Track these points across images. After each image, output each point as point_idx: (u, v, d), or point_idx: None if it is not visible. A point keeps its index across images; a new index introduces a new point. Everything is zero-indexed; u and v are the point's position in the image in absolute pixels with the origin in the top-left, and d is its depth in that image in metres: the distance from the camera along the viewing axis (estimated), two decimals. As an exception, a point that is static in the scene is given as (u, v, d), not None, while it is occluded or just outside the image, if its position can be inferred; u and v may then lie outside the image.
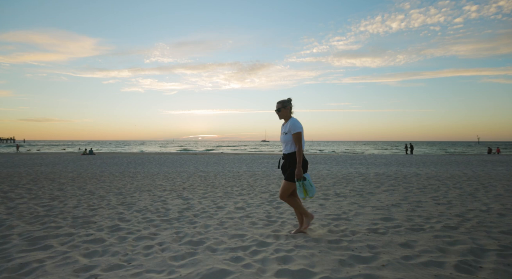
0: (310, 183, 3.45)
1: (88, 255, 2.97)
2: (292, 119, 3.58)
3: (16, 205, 5.46)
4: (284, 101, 3.63)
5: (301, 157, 3.40)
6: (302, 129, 3.51)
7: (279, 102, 3.64)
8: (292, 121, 3.53)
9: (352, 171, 12.51)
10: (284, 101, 3.63)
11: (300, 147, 3.43)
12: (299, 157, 3.39)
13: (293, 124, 3.50)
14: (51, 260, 2.82)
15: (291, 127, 3.49)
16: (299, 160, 3.39)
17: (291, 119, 3.59)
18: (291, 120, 3.56)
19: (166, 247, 3.17)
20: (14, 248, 3.17)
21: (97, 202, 5.82)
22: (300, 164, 3.39)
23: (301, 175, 3.38)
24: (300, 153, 3.40)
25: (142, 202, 5.75)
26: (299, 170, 3.37)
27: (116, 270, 2.60)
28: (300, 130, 3.47)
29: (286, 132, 3.53)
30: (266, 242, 3.29)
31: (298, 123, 3.53)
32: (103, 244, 3.30)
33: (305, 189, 3.43)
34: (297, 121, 3.55)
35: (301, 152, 3.42)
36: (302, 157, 3.41)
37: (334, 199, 5.95)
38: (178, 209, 5.10)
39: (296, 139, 3.44)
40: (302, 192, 3.45)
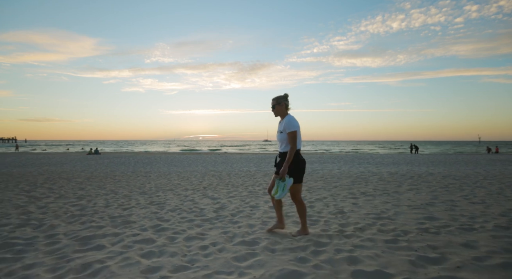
0: (285, 188, 3.32)
1: (146, 256, 2.90)
2: (288, 116, 3.43)
3: (46, 205, 5.38)
4: (278, 98, 3.49)
5: (292, 156, 3.29)
6: (297, 127, 3.37)
7: (273, 98, 3.50)
8: (287, 119, 3.39)
9: (363, 170, 12.47)
10: (278, 98, 3.49)
11: (294, 146, 3.30)
12: (289, 155, 3.28)
13: (288, 122, 3.36)
14: (112, 261, 2.75)
15: (286, 126, 3.35)
16: (288, 158, 3.27)
17: (287, 116, 3.44)
18: (287, 118, 3.42)
19: (222, 248, 3.10)
20: (67, 248, 3.10)
21: (125, 201, 5.74)
22: (288, 164, 3.28)
23: (284, 175, 3.29)
24: (292, 152, 3.28)
25: (171, 202, 5.68)
26: (285, 170, 3.27)
27: (184, 271, 2.53)
28: (295, 129, 3.33)
29: (282, 130, 3.40)
30: (322, 242, 3.23)
31: (294, 121, 3.39)
32: (155, 244, 3.23)
33: (277, 189, 3.35)
34: (293, 119, 3.40)
35: (293, 151, 3.29)
36: (292, 156, 3.29)
37: (364, 198, 5.90)
38: (212, 209, 5.04)
39: (290, 138, 3.31)
40: (275, 190, 3.38)
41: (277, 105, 3.47)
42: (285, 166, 3.26)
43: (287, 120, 3.38)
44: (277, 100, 3.48)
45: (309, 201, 5.63)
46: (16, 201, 5.69)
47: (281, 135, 3.41)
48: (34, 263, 2.70)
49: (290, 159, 3.27)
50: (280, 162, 3.44)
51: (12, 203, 5.54)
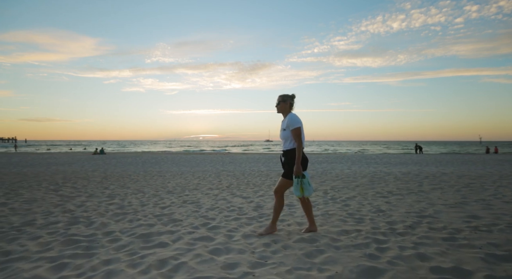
0: (309, 182, 3.31)
1: (215, 253, 2.93)
2: (291, 114, 3.43)
3: (82, 203, 5.39)
4: (285, 96, 3.51)
5: (301, 153, 3.26)
6: (301, 124, 3.35)
7: (280, 95, 3.53)
8: (290, 116, 3.39)
9: (374, 170, 12.53)
10: (285, 96, 3.51)
11: (300, 143, 3.28)
12: (298, 153, 3.25)
13: (291, 119, 3.36)
14: (185, 257, 2.78)
15: (289, 123, 3.35)
16: (298, 156, 3.25)
17: (289, 114, 3.44)
18: (290, 115, 3.42)
19: (285, 245, 3.14)
20: (132, 245, 3.12)
21: (158, 200, 5.77)
22: (299, 161, 3.25)
23: (300, 172, 3.25)
24: (299, 149, 3.26)
25: (204, 201, 5.71)
26: (298, 167, 3.24)
27: (262, 268, 2.57)
28: (299, 125, 3.32)
29: (285, 128, 3.39)
30: (380, 239, 3.28)
31: (297, 118, 3.38)
32: (216, 242, 3.26)
33: (302, 187, 3.30)
34: (296, 116, 3.40)
35: (301, 148, 3.28)
36: (301, 153, 3.27)
37: (394, 197, 5.95)
38: (250, 207, 5.08)
39: (295, 135, 3.29)
40: (299, 190, 3.30)
41: (282, 102, 3.49)
42: (297, 164, 3.24)
43: (290, 117, 3.38)
44: (283, 97, 3.50)
45: (341, 200, 5.68)
46: (50, 200, 5.70)
47: (284, 133, 3.40)
48: (110, 259, 2.73)
49: (299, 156, 3.25)
50: (285, 161, 3.42)
51: (48, 201, 5.55)
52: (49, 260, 2.74)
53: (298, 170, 3.25)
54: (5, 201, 5.53)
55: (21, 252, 2.93)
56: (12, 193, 6.52)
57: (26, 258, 2.79)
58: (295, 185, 3.33)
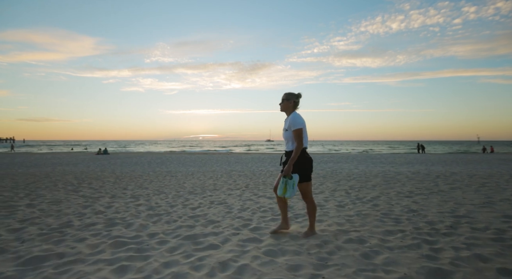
0: (294, 184, 3.26)
1: (271, 254, 2.91)
2: (294, 114, 3.36)
3: (109, 204, 5.34)
4: (290, 94, 3.43)
5: (297, 154, 3.22)
6: (303, 125, 3.28)
7: (286, 93, 3.45)
8: (292, 117, 3.33)
9: (383, 169, 12.56)
10: (290, 94, 3.43)
11: (299, 144, 3.22)
12: (294, 154, 3.21)
13: (293, 119, 3.30)
14: (244, 259, 2.75)
15: (291, 123, 3.29)
16: (293, 156, 3.21)
17: (292, 114, 3.37)
18: (292, 115, 3.35)
19: (338, 246, 3.12)
20: (184, 247, 3.09)
21: (184, 201, 5.73)
22: (293, 161, 3.22)
23: (289, 173, 3.22)
24: (297, 150, 3.21)
25: (233, 201, 5.68)
26: (290, 168, 3.21)
27: (326, 269, 2.55)
28: (301, 126, 3.26)
29: (287, 128, 3.33)
30: (429, 240, 3.27)
31: (299, 118, 3.31)
32: (267, 243, 3.23)
33: (286, 188, 3.26)
34: (298, 117, 3.33)
35: (299, 149, 3.22)
36: (298, 154, 3.23)
37: (418, 197, 5.96)
38: (281, 208, 5.06)
39: (296, 135, 3.24)
40: (282, 189, 3.27)
41: (285, 100, 3.41)
42: (290, 163, 3.21)
43: (292, 117, 3.32)
44: (288, 95, 3.42)
45: (368, 200, 5.68)
46: (75, 201, 5.64)
47: (286, 133, 3.35)
48: (169, 262, 2.70)
49: (295, 157, 3.21)
50: (286, 161, 3.39)
51: (74, 202, 5.49)
52: (107, 262, 2.70)
53: (288, 170, 3.21)
54: (30, 203, 5.47)
55: (75, 255, 2.89)
56: (33, 194, 6.44)
57: (83, 261, 2.75)
58: (280, 184, 3.29)
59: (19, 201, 5.64)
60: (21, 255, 2.87)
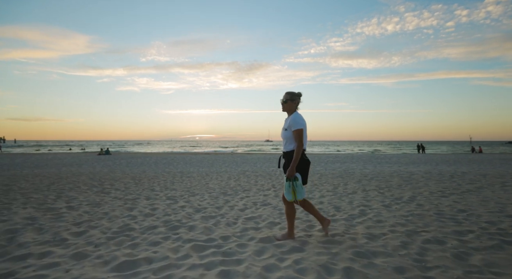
0: (301, 185, 3.20)
1: (365, 256, 2.88)
2: (295, 114, 3.28)
3: (153, 207, 5.23)
4: (293, 94, 3.34)
5: (299, 155, 3.13)
6: (304, 125, 3.21)
7: (288, 92, 3.35)
8: (294, 116, 3.23)
9: (392, 170, 12.63)
10: (293, 94, 3.34)
11: (300, 144, 3.14)
12: (296, 155, 3.12)
13: (294, 119, 3.20)
14: (343, 262, 2.72)
15: (291, 123, 3.20)
16: (295, 158, 3.13)
17: (294, 114, 3.29)
18: (294, 115, 3.26)
19: (421, 247, 3.11)
20: (272, 250, 3.03)
21: (225, 202, 5.66)
22: (295, 164, 3.13)
23: (292, 175, 3.14)
24: (298, 151, 3.12)
25: (275, 202, 5.63)
26: (292, 170, 3.12)
27: (433, 271, 2.53)
28: (302, 127, 3.17)
29: (286, 128, 3.24)
30: (508, 240, 3.28)
31: (301, 119, 3.23)
32: (348, 244, 3.20)
33: (295, 190, 3.17)
34: (300, 117, 3.25)
35: (300, 150, 3.14)
36: (300, 155, 3.14)
37: (454, 197, 6.00)
38: (332, 208, 5.03)
39: (296, 136, 3.15)
40: (291, 193, 3.18)
41: (289, 101, 3.32)
42: (293, 165, 3.12)
43: (294, 117, 3.23)
44: (292, 95, 3.33)
45: (408, 200, 5.69)
46: (114, 203, 5.51)
47: (285, 133, 3.26)
48: (267, 265, 2.64)
49: (297, 158, 3.13)
50: (285, 163, 3.30)
51: (114, 205, 5.36)
52: (204, 267, 2.62)
53: (291, 172, 3.13)
54: (69, 205, 5.32)
55: (164, 259, 2.80)
56: (63, 195, 6.28)
57: (177, 265, 2.66)
58: (286, 188, 3.20)
59: (55, 203, 5.49)
60: (109, 260, 2.77)
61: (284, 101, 3.33)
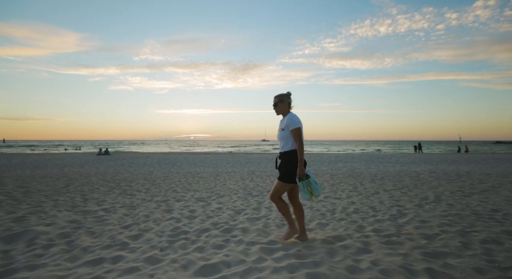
0: (315, 181, 3.19)
1: (437, 256, 2.94)
2: (290, 114, 3.30)
3: (191, 209, 5.21)
4: (281, 95, 3.37)
5: (303, 154, 3.13)
6: (301, 124, 3.23)
7: (276, 96, 3.38)
8: (290, 116, 3.26)
9: (397, 169, 12.84)
10: (281, 95, 3.37)
11: (301, 143, 3.15)
12: (300, 154, 3.11)
13: (291, 119, 3.23)
14: (419, 263, 2.78)
15: (289, 123, 3.21)
16: (300, 158, 3.11)
17: (289, 114, 3.31)
18: (289, 115, 3.29)
19: (485, 248, 3.19)
20: (348, 251, 3.08)
21: (259, 204, 5.67)
22: (302, 162, 3.11)
23: (303, 174, 3.11)
24: (301, 150, 3.13)
25: (309, 203, 5.67)
26: (302, 169, 3.10)
27: (455, 268, 2.62)
28: (300, 125, 3.20)
29: (283, 128, 3.25)
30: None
31: (297, 118, 3.25)
32: (382, 245, 3.26)
33: (310, 188, 3.16)
34: (296, 116, 3.27)
35: (303, 149, 3.15)
36: (303, 153, 3.13)
37: (478, 196, 6.14)
38: (368, 208, 5.10)
39: (296, 135, 3.16)
40: (307, 193, 3.15)
41: (279, 103, 3.35)
42: (300, 165, 3.11)
43: (290, 117, 3.26)
44: (280, 97, 3.35)
45: (435, 200, 5.80)
46: (148, 205, 5.47)
47: (283, 133, 3.26)
48: (351, 266, 2.68)
49: (301, 157, 3.12)
50: (281, 164, 3.28)
51: (148, 207, 5.32)
52: (287, 270, 2.64)
53: (301, 172, 3.11)
54: (102, 207, 5.24)
55: (242, 263, 2.80)
56: (89, 197, 6.19)
57: (261, 269, 2.66)
58: (301, 189, 3.15)
59: (86, 205, 5.41)
60: (186, 264, 2.76)
61: (275, 104, 3.37)
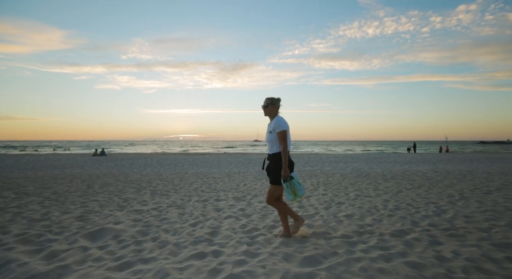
0: (298, 182, 3.34)
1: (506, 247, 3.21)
2: (278, 117, 3.46)
3: (240, 208, 5.35)
4: (273, 99, 3.52)
5: (286, 157, 3.28)
6: (287, 127, 3.38)
7: (268, 98, 3.53)
8: (277, 119, 3.41)
9: (398, 168, 13.20)
10: (273, 99, 3.52)
11: (285, 146, 3.29)
12: (284, 157, 3.26)
13: (277, 122, 3.38)
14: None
15: (275, 125, 3.36)
16: (284, 160, 3.26)
17: (276, 117, 3.47)
18: (276, 118, 3.44)
19: None
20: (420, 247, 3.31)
21: (293, 204, 5.87)
22: (286, 164, 3.27)
23: (288, 176, 3.26)
24: (285, 152, 3.27)
25: (339, 200, 5.91)
26: (286, 171, 3.25)
27: None
28: (285, 128, 3.34)
29: (271, 131, 3.40)
30: None
31: (284, 121, 3.41)
32: (452, 238, 3.53)
33: (294, 189, 3.30)
34: (283, 120, 3.43)
35: (286, 152, 3.29)
36: (287, 155, 3.29)
37: (497, 194, 6.51)
38: (396, 206, 5.38)
39: (281, 138, 3.30)
40: (291, 193, 3.31)
41: (270, 105, 3.49)
42: (284, 167, 3.25)
43: (277, 120, 3.40)
44: (272, 100, 3.50)
45: (460, 199, 6.11)
46: (192, 204, 5.57)
47: (270, 136, 3.41)
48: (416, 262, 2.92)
49: (286, 160, 3.26)
50: (269, 165, 3.44)
51: (196, 207, 5.42)
52: (382, 259, 2.86)
53: (285, 173, 3.25)
54: (152, 207, 5.31)
55: (336, 255, 3.00)
56: (128, 198, 6.22)
57: (357, 259, 2.87)
58: (286, 189, 3.31)
59: (133, 206, 5.46)
60: (287, 256, 2.93)
61: (265, 106, 3.50)
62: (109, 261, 2.87)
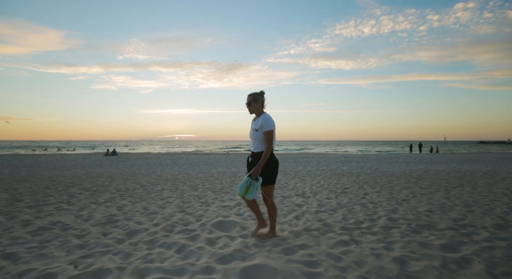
0: (258, 187, 3.30)
1: None
2: (265, 115, 3.37)
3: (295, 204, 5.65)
4: (255, 94, 3.42)
5: (267, 156, 3.23)
6: (274, 127, 3.32)
7: (250, 94, 3.42)
8: (264, 117, 3.33)
9: (417, 169, 13.32)
10: (255, 94, 3.42)
11: (270, 146, 3.25)
12: (265, 156, 3.21)
13: (265, 120, 3.30)
14: None
15: (263, 124, 3.28)
16: (263, 158, 3.21)
17: (263, 114, 3.38)
18: (264, 116, 3.35)
19: None
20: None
21: (327, 201, 6.14)
22: (263, 164, 3.22)
23: (257, 174, 3.24)
24: (267, 153, 3.22)
25: (368, 199, 6.17)
26: (258, 170, 3.22)
27: None
28: (272, 128, 3.28)
29: (257, 129, 3.32)
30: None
31: (271, 120, 3.33)
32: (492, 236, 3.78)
33: (249, 189, 3.28)
34: (270, 118, 3.34)
35: (269, 151, 3.24)
36: (268, 156, 3.23)
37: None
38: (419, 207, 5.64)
39: (267, 137, 3.25)
40: (244, 189, 3.28)
41: (253, 102, 3.39)
42: (259, 165, 3.22)
43: (264, 118, 3.32)
44: (254, 96, 3.40)
45: (497, 198, 6.39)
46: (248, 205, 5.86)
47: (256, 133, 3.34)
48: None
49: (265, 159, 3.22)
50: (252, 162, 3.39)
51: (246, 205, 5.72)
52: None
53: (256, 171, 3.23)
54: (224, 205, 5.63)
55: (388, 249, 3.28)
56: (183, 196, 6.52)
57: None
58: (243, 183, 3.29)
59: (191, 206, 5.76)
60: (329, 249, 3.22)
61: (248, 103, 3.42)
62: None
